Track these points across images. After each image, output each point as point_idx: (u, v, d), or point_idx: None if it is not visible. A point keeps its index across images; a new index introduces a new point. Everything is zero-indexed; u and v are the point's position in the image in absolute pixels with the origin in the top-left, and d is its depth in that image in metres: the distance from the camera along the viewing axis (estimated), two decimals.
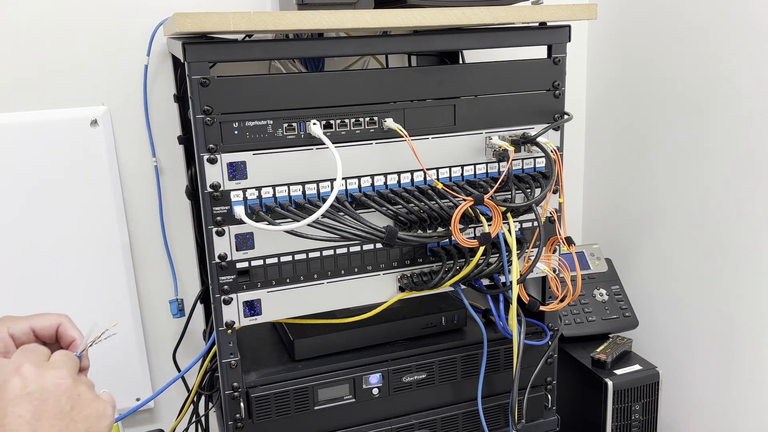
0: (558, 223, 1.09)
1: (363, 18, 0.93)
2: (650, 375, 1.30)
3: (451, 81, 1.03)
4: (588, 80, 1.59)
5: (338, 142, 0.98)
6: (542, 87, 1.08)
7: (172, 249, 1.37)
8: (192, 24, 0.86)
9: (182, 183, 1.30)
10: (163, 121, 1.31)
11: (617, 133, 1.52)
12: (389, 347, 1.12)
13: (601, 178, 1.60)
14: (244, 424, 1.04)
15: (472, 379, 1.14)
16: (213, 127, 0.93)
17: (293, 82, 0.96)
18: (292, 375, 1.06)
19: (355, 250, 1.05)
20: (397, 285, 1.08)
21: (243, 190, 0.96)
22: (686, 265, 1.37)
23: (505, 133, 1.07)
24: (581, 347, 1.37)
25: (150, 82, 1.28)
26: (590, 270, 1.45)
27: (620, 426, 1.30)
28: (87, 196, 1.26)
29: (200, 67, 0.90)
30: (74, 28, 1.23)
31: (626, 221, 1.53)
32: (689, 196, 1.34)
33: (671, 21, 1.32)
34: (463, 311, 1.15)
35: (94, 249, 1.29)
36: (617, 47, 1.48)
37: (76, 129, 1.24)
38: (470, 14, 0.98)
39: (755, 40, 1.15)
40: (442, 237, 1.01)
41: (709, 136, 1.27)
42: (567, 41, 1.07)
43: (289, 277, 1.02)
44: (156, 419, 1.46)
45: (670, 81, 1.35)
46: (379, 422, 1.12)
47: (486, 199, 0.98)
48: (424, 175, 1.04)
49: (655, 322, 1.48)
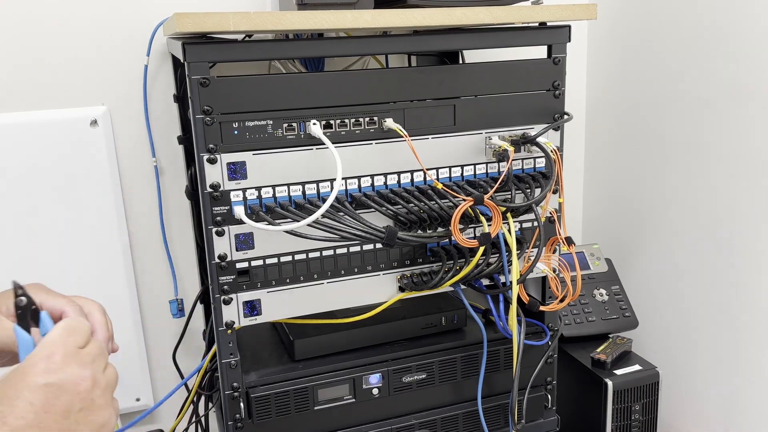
0: (558, 223, 1.09)
1: (363, 18, 0.93)
2: (650, 375, 1.30)
3: (451, 81, 1.03)
4: (588, 80, 1.59)
5: (338, 142, 0.98)
6: (542, 87, 1.08)
7: (172, 249, 1.37)
8: (192, 24, 0.86)
9: (182, 183, 1.30)
10: (163, 121, 1.31)
11: (617, 133, 1.52)
12: (389, 347, 1.12)
13: (601, 178, 1.60)
14: (244, 424, 1.04)
15: (472, 379, 1.14)
16: (213, 127, 0.93)
17: (293, 82, 0.96)
18: (292, 375, 1.06)
19: (355, 250, 1.05)
20: (397, 285, 1.08)
21: (243, 190, 0.96)
22: (686, 265, 1.37)
23: (505, 133, 1.07)
24: (581, 347, 1.37)
25: (150, 82, 1.28)
26: (590, 270, 1.45)
27: (620, 426, 1.30)
28: (87, 196, 1.26)
29: (200, 67, 0.90)
30: (74, 28, 1.23)
31: (626, 221, 1.53)
32: (689, 195, 1.34)
33: (671, 21, 1.32)
34: (463, 311, 1.15)
35: (94, 249, 1.29)
36: (617, 47, 1.48)
37: (76, 129, 1.24)
38: (470, 14, 0.98)
39: (756, 40, 1.15)
40: (442, 237, 1.01)
41: (709, 136, 1.27)
42: (567, 41, 1.07)
43: (289, 277, 1.02)
44: (156, 419, 1.45)
45: (670, 81, 1.34)
46: (379, 422, 1.12)
47: (486, 199, 0.98)
48: (424, 175, 1.04)
49: (655, 322, 1.48)
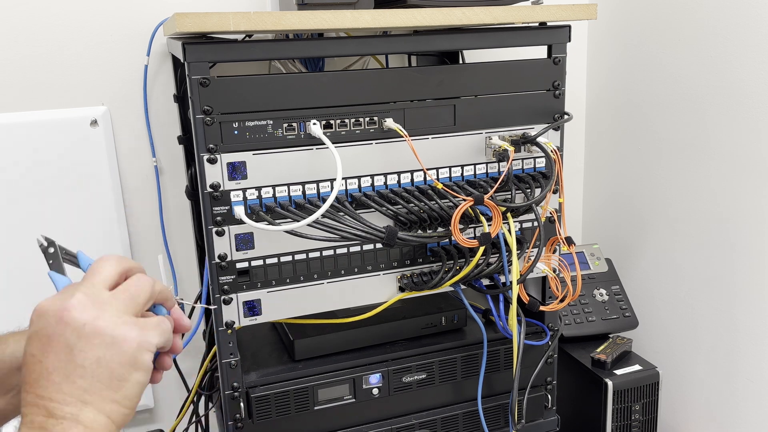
0: (558, 223, 1.09)
1: (363, 18, 0.93)
2: (650, 375, 1.30)
3: (451, 81, 1.03)
4: (588, 80, 1.59)
5: (338, 142, 0.98)
6: (542, 87, 1.08)
7: (172, 249, 1.37)
8: (192, 24, 0.86)
9: (182, 183, 1.30)
10: (163, 121, 1.31)
11: (617, 133, 1.52)
12: (389, 347, 1.12)
13: (601, 178, 1.60)
14: (244, 424, 1.04)
15: (472, 379, 1.14)
16: (213, 127, 0.93)
17: (293, 82, 0.96)
18: (292, 375, 1.06)
19: (355, 250, 1.05)
20: (397, 285, 1.08)
21: (243, 190, 0.96)
22: (686, 265, 1.37)
23: (505, 133, 1.07)
24: (581, 347, 1.37)
25: (150, 82, 1.28)
26: (590, 270, 1.45)
27: (620, 426, 1.30)
28: (87, 196, 1.26)
29: (200, 67, 0.90)
30: (74, 28, 1.23)
31: (626, 221, 1.53)
32: (689, 195, 1.34)
33: (671, 20, 1.32)
34: (463, 311, 1.15)
35: (94, 249, 1.28)
36: (617, 47, 1.48)
37: (76, 129, 1.24)
38: (470, 14, 0.98)
39: (757, 39, 1.15)
40: (442, 237, 1.01)
41: (710, 136, 1.27)
42: (567, 41, 1.07)
43: (289, 277, 1.02)
44: (156, 419, 1.45)
45: (670, 80, 1.34)
46: (379, 422, 1.12)
47: (486, 199, 0.98)
48: (424, 175, 1.04)
49: (655, 322, 1.48)
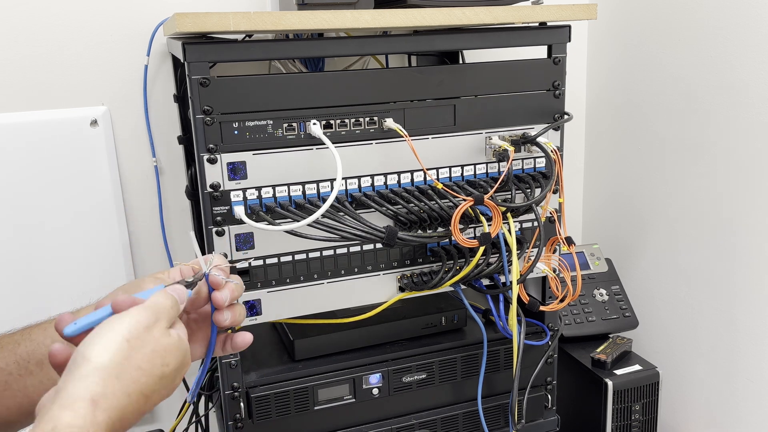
0: (558, 223, 1.09)
1: (363, 18, 0.93)
2: (650, 375, 1.30)
3: (451, 81, 1.03)
4: (588, 80, 1.59)
5: (338, 142, 0.98)
6: (542, 87, 1.08)
7: (172, 249, 1.37)
8: (192, 24, 0.86)
9: (182, 183, 1.30)
10: (163, 121, 1.30)
11: (617, 133, 1.52)
12: (389, 347, 1.12)
13: (601, 178, 1.60)
14: (244, 424, 1.04)
15: (472, 379, 1.14)
16: (213, 127, 0.93)
17: (293, 82, 0.96)
18: (292, 375, 1.06)
19: (355, 250, 1.05)
20: (397, 285, 1.08)
21: (243, 190, 0.96)
22: (686, 265, 1.37)
23: (505, 133, 1.07)
24: (581, 347, 1.36)
25: (150, 82, 1.28)
26: (590, 270, 1.45)
27: (620, 426, 1.30)
28: (87, 196, 1.26)
29: (200, 67, 0.90)
30: (74, 28, 1.22)
31: (626, 221, 1.53)
32: (689, 195, 1.34)
33: (671, 20, 1.32)
34: (463, 311, 1.15)
35: (94, 249, 1.29)
36: (617, 47, 1.48)
37: (76, 129, 1.24)
38: (470, 14, 0.98)
39: (757, 39, 1.15)
40: (442, 237, 1.01)
41: (710, 136, 1.27)
42: (567, 41, 1.07)
43: (289, 277, 1.02)
44: (156, 419, 1.45)
45: (670, 81, 1.34)
46: (379, 422, 1.12)
47: (486, 199, 0.98)
48: (424, 175, 1.04)
49: (655, 322, 1.48)
